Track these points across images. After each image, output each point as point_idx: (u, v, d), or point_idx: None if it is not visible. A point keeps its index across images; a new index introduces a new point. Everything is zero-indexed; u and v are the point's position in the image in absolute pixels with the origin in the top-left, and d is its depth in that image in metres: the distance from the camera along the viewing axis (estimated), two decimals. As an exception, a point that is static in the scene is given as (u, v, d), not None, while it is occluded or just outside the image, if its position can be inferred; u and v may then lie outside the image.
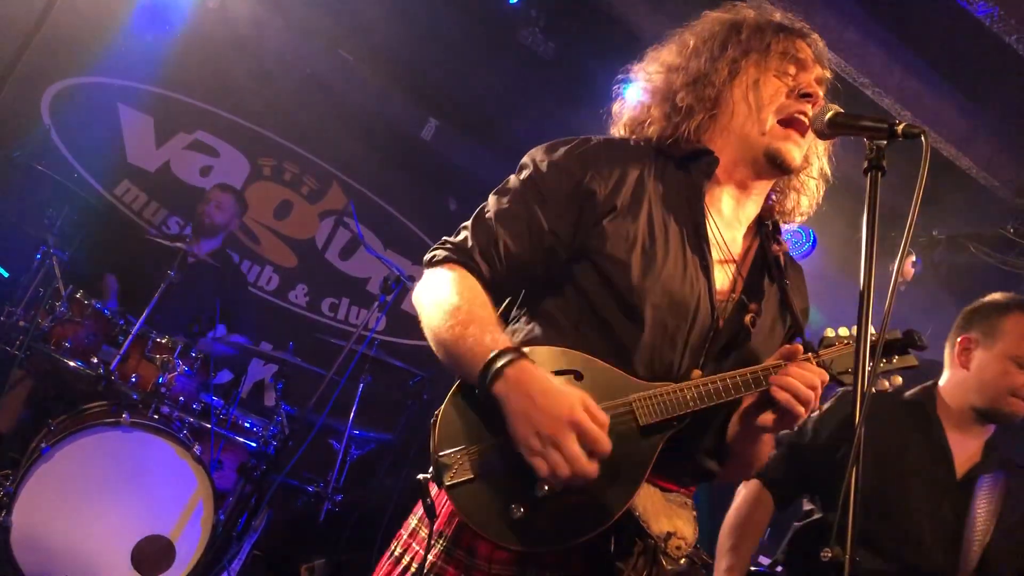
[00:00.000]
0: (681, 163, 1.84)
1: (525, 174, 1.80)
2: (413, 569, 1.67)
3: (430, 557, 1.64)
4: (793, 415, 1.59)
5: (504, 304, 1.84)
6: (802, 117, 1.78)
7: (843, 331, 1.71)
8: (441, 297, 1.66)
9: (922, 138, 1.47)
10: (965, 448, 2.74)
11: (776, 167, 1.81)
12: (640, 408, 1.58)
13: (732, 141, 1.83)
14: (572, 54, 5.17)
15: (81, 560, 3.61)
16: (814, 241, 5.60)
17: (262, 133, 6.55)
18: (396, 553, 1.74)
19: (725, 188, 1.86)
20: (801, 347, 1.66)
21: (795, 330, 1.86)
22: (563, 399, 1.46)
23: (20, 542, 3.49)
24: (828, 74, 1.89)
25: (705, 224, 1.78)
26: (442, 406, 1.61)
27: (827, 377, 1.63)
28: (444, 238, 1.82)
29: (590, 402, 1.48)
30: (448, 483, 1.53)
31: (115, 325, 4.26)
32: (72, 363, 4.01)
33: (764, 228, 1.91)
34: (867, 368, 1.37)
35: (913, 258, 5.27)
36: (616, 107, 2.01)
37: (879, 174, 1.51)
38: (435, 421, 1.59)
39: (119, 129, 6.07)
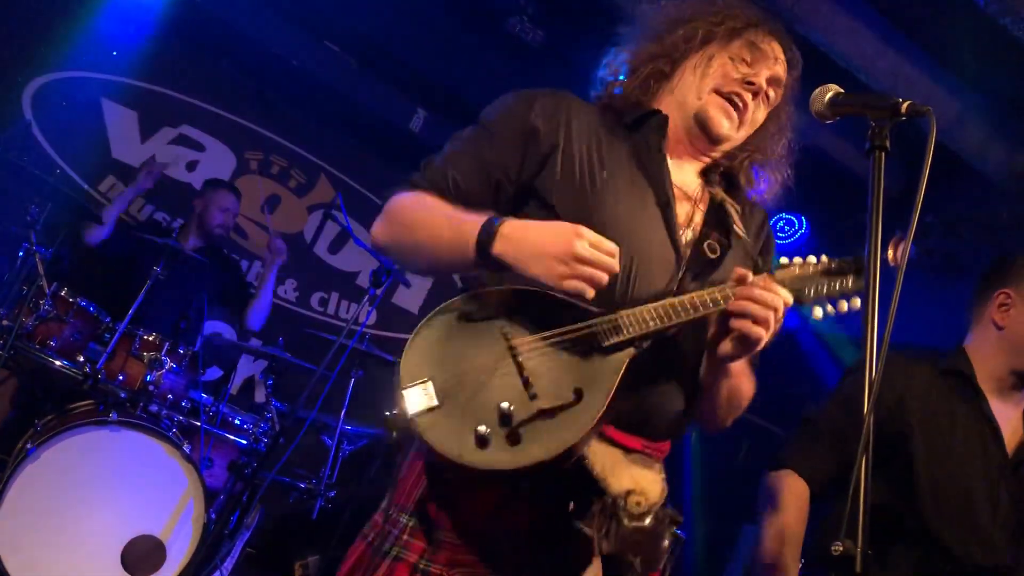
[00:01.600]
0: (632, 127, 1.88)
1: (478, 121, 1.89)
2: (376, 543, 1.68)
3: (395, 532, 1.66)
4: (751, 339, 1.57)
5: None
6: (737, 100, 1.84)
7: (798, 259, 1.68)
8: (410, 207, 1.76)
9: (928, 117, 1.44)
10: (1009, 421, 2.46)
11: (704, 132, 1.85)
12: (601, 329, 1.58)
13: (673, 106, 1.88)
14: (561, 42, 5.12)
15: (69, 561, 3.55)
16: (807, 228, 5.58)
17: (248, 126, 6.47)
18: (364, 531, 1.76)
19: (673, 148, 1.89)
20: (750, 272, 1.62)
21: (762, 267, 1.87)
22: (557, 226, 1.57)
23: (6, 543, 3.43)
24: (789, 77, 1.93)
25: (662, 164, 1.81)
26: (405, 346, 1.64)
27: (790, 299, 1.60)
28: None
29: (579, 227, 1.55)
30: (413, 412, 1.55)
31: (101, 323, 4.20)
32: (58, 362, 3.95)
33: (712, 178, 1.92)
34: (876, 356, 1.32)
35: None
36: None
37: (883, 154, 1.47)
38: (398, 362, 1.62)
39: (103, 124, 5.98)
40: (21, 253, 4.17)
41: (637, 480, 1.60)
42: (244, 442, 4.43)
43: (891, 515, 2.36)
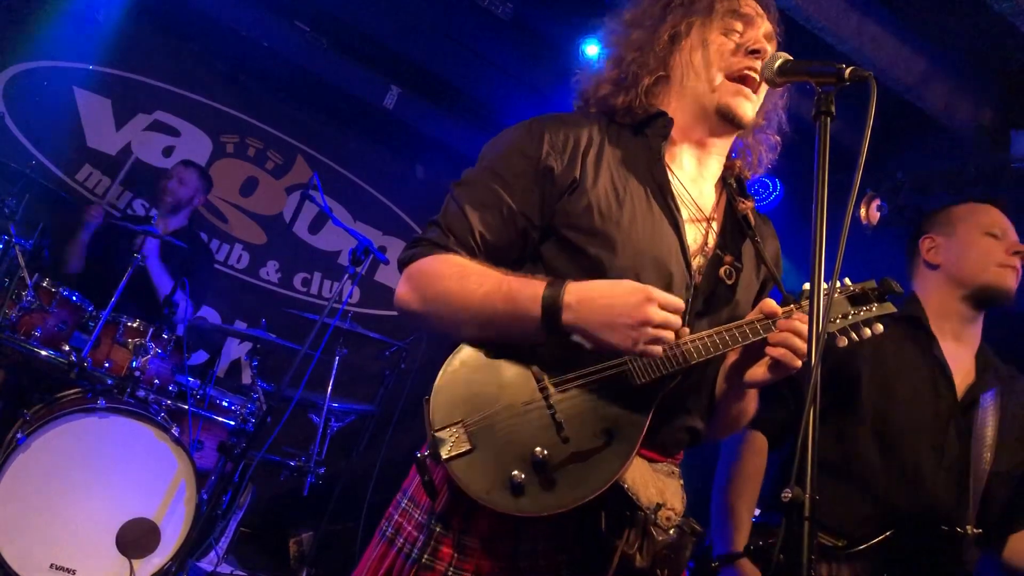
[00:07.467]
0: (636, 129, 1.87)
1: (484, 163, 1.81)
2: (406, 550, 1.66)
3: (422, 537, 1.64)
4: (789, 368, 1.62)
5: None
6: (751, 73, 1.82)
7: (823, 285, 1.71)
8: (442, 273, 1.67)
9: (870, 81, 1.48)
10: (960, 363, 2.53)
11: (728, 122, 1.84)
12: (635, 368, 1.59)
13: (685, 102, 1.87)
14: (530, 13, 5.13)
15: (66, 547, 3.61)
16: (781, 191, 5.62)
17: (223, 110, 6.45)
18: (388, 534, 1.73)
19: (684, 147, 1.89)
20: (776, 305, 1.67)
21: (771, 281, 1.90)
22: (624, 290, 1.53)
23: (2, 533, 3.49)
24: (775, 27, 1.91)
25: (668, 183, 1.80)
26: (435, 384, 1.61)
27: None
28: (416, 237, 1.79)
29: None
30: (446, 456, 1.55)
31: (84, 311, 4.23)
32: (43, 352, 3.98)
33: (728, 186, 1.94)
34: (821, 315, 1.39)
35: (878, 202, 5.31)
36: (576, 79, 2.02)
37: (828, 119, 1.52)
38: (428, 399, 1.60)
39: (76, 113, 5.96)
40: (0, 245, 4.18)
41: (663, 492, 1.63)
42: (232, 423, 4.49)
43: (836, 461, 2.43)
